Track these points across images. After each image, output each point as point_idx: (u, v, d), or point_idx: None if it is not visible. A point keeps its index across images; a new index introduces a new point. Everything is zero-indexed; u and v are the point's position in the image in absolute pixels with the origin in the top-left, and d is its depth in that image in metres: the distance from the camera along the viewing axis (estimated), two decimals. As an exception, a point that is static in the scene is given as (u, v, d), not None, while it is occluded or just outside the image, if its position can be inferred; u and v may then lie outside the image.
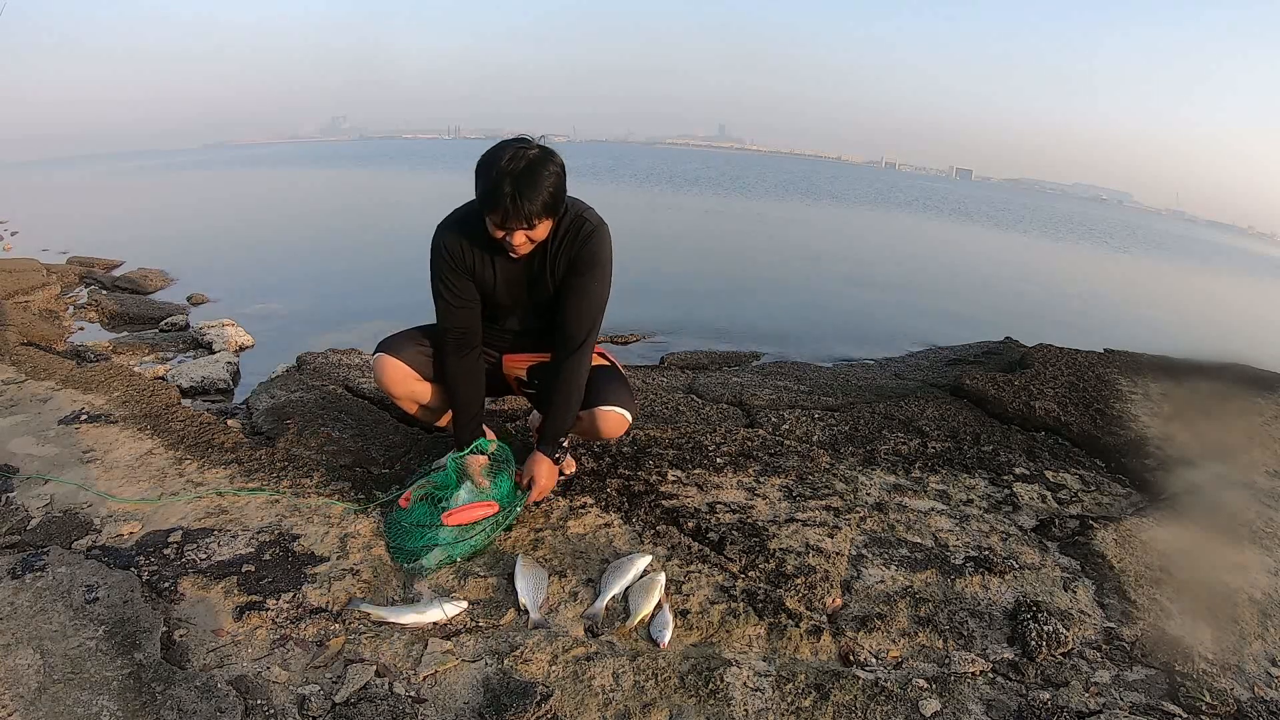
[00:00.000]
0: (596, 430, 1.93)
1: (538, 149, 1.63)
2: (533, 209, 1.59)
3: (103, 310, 5.09)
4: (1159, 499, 2.35)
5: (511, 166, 1.57)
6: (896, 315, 6.99)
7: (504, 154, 1.59)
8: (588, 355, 1.84)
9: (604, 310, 1.84)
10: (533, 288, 1.85)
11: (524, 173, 1.57)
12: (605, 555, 1.79)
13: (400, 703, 1.32)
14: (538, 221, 1.62)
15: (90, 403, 2.56)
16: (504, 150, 1.60)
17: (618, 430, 1.94)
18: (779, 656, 1.50)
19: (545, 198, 1.60)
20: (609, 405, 1.89)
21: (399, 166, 34.52)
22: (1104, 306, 9.53)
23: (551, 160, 1.62)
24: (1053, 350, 3.83)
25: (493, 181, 1.57)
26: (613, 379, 1.94)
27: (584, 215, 1.78)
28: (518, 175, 1.57)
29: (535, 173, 1.58)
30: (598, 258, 1.78)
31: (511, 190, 1.56)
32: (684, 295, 7.07)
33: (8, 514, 1.84)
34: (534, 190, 1.57)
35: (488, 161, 1.61)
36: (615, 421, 1.91)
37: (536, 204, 1.59)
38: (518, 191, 1.56)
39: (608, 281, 1.82)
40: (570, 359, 1.81)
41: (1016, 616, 1.68)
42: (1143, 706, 1.43)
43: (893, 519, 2.09)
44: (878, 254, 12.65)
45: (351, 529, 1.85)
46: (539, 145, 1.64)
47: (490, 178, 1.58)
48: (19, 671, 1.31)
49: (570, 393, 1.83)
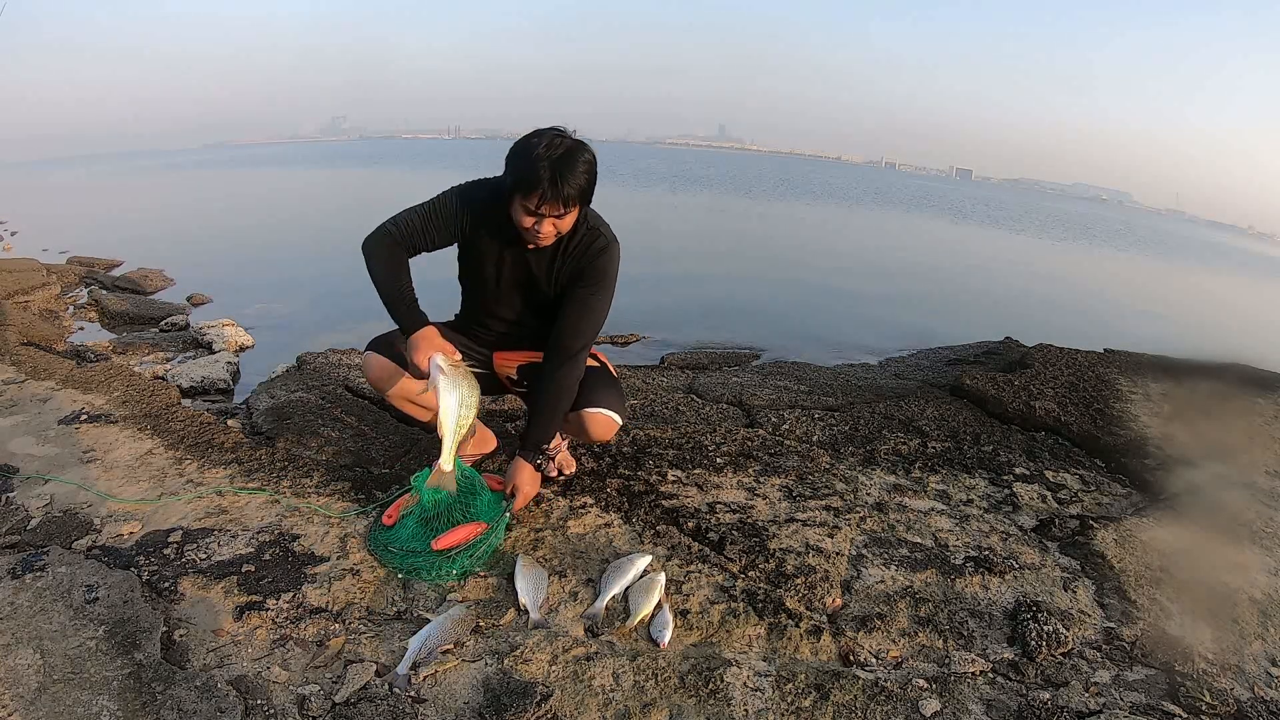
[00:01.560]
0: (585, 431, 1.92)
1: (574, 139, 1.64)
2: (570, 193, 1.59)
3: (103, 310, 5.09)
4: (1159, 499, 2.35)
5: (550, 152, 1.58)
6: (896, 315, 7.00)
7: (542, 140, 1.60)
8: (580, 366, 1.84)
9: (602, 326, 1.84)
10: (532, 286, 1.84)
11: (563, 158, 1.58)
12: (605, 555, 1.79)
13: (400, 703, 1.32)
14: (572, 207, 1.63)
15: (90, 403, 2.56)
16: (541, 136, 1.61)
17: (606, 433, 1.93)
18: (779, 656, 1.50)
19: (582, 183, 1.61)
20: (597, 407, 1.87)
21: (399, 166, 34.51)
22: (1104, 306, 9.53)
23: (587, 150, 1.63)
24: (1053, 350, 3.83)
25: (531, 164, 1.57)
26: (602, 380, 1.93)
27: (599, 229, 1.80)
28: (556, 159, 1.58)
29: (574, 158, 1.59)
30: (605, 275, 1.79)
31: (551, 174, 1.57)
32: (684, 295, 7.07)
33: (8, 514, 1.84)
34: (572, 174, 1.58)
35: (524, 146, 1.61)
36: (603, 423, 1.90)
37: (574, 189, 1.60)
38: (558, 175, 1.57)
39: (610, 299, 1.83)
40: (562, 368, 1.80)
41: (1016, 616, 1.68)
42: (1143, 706, 1.43)
43: (893, 519, 2.09)
44: (878, 254, 12.65)
45: (351, 529, 1.85)
46: (573, 136, 1.65)
47: (529, 160, 1.58)
48: (19, 671, 1.31)
49: (557, 401, 1.82)
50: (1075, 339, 4.49)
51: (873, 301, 7.66)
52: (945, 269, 11.54)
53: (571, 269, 1.79)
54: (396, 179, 25.46)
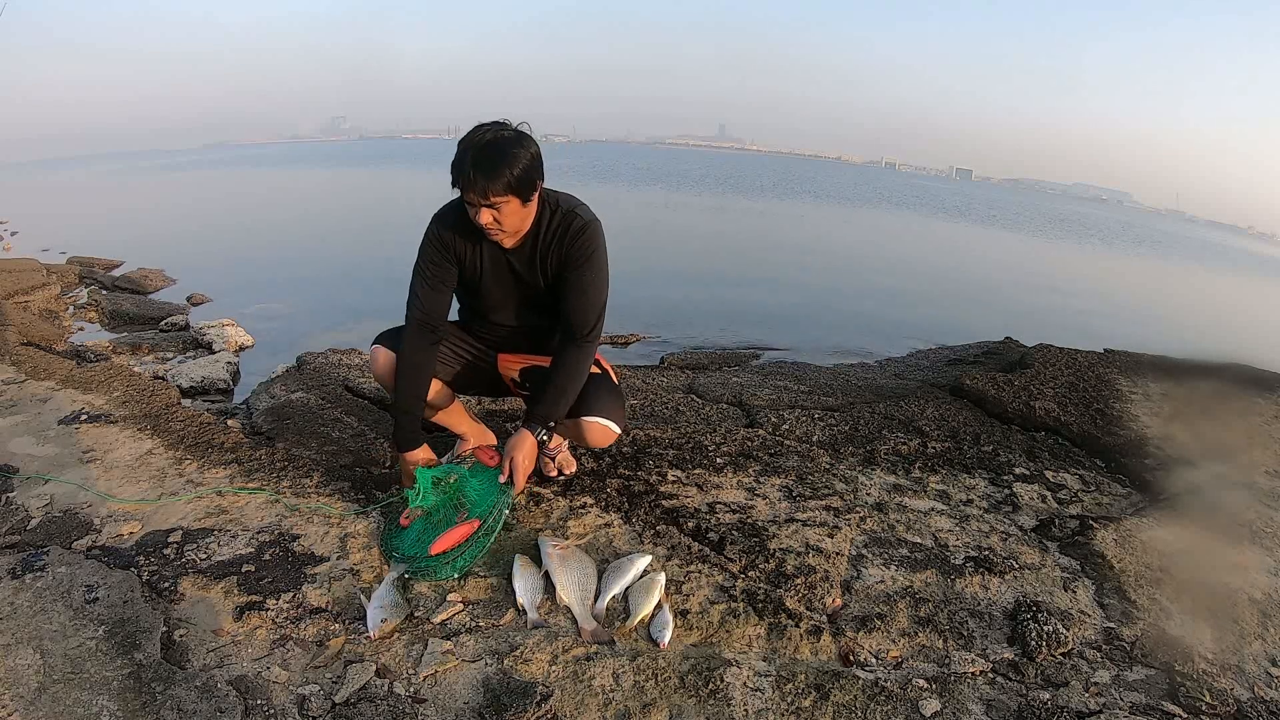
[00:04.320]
0: (582, 439, 1.90)
1: (512, 131, 1.63)
2: (490, 185, 1.58)
3: (103, 310, 5.09)
4: (1159, 499, 2.35)
5: (475, 140, 1.59)
6: (896, 315, 7.00)
7: (474, 132, 1.62)
8: (591, 349, 1.82)
9: (605, 305, 1.82)
10: (521, 282, 1.83)
11: (487, 146, 1.59)
12: (605, 555, 1.79)
13: (400, 703, 1.32)
14: (496, 198, 1.61)
15: (90, 403, 2.56)
16: (476, 129, 1.62)
17: (603, 441, 1.91)
18: (779, 656, 1.50)
19: (508, 177, 1.59)
20: (595, 416, 1.85)
21: (399, 166, 34.51)
22: (1104, 306, 9.53)
23: (522, 143, 1.62)
24: (1053, 350, 3.83)
25: (457, 155, 1.60)
26: (603, 387, 1.90)
27: (575, 211, 1.77)
28: (479, 148, 1.58)
29: (500, 149, 1.59)
30: (592, 253, 1.76)
31: (472, 163, 1.57)
32: (684, 295, 7.07)
33: (8, 514, 1.84)
34: (494, 165, 1.57)
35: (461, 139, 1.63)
36: (600, 432, 1.87)
37: (497, 181, 1.58)
38: (476, 164, 1.57)
39: (605, 276, 1.80)
40: (573, 348, 1.79)
41: (1016, 616, 1.68)
42: (1143, 706, 1.43)
43: (893, 519, 2.09)
44: (878, 254, 12.66)
45: (351, 529, 1.85)
46: (515, 129, 1.65)
47: (458, 152, 1.61)
48: (19, 671, 1.31)
49: (568, 380, 1.79)
50: (1075, 339, 4.49)
51: (873, 301, 7.66)
52: (945, 269, 11.54)
53: (556, 257, 1.77)
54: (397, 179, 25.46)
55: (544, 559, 1.69)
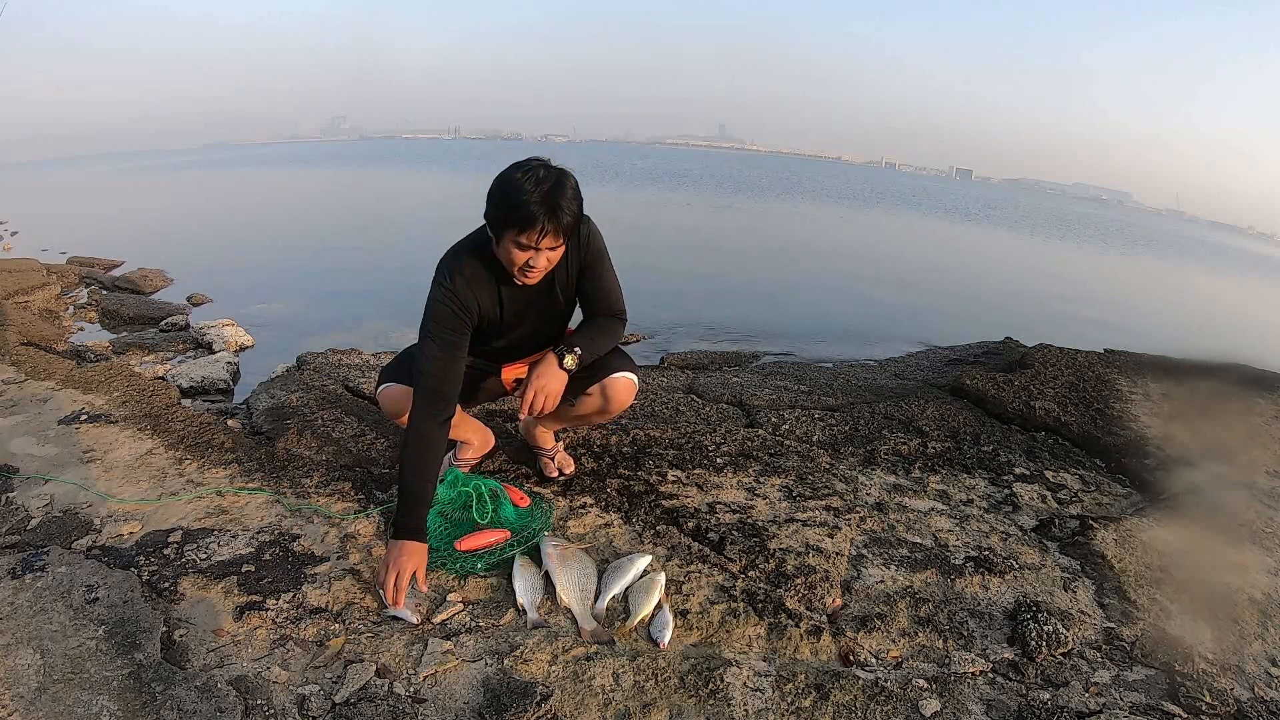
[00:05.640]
0: (609, 400, 1.90)
1: (556, 167, 1.61)
2: (568, 221, 1.57)
3: (103, 310, 5.09)
4: (1159, 499, 2.35)
5: (540, 186, 1.54)
6: (896, 315, 7.00)
7: (526, 175, 1.56)
8: (621, 325, 1.90)
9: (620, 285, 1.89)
10: (541, 308, 1.83)
11: (554, 189, 1.55)
12: (605, 555, 1.79)
13: (400, 703, 1.32)
14: (559, 243, 1.61)
15: (90, 403, 2.56)
16: (524, 171, 1.57)
17: (627, 399, 1.92)
18: (779, 656, 1.50)
19: (575, 209, 1.60)
20: (616, 372, 1.88)
21: (399, 166, 34.52)
22: (1104, 306, 9.53)
23: (570, 176, 1.62)
24: (1053, 350, 3.83)
25: (523, 201, 1.53)
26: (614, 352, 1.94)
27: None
28: (548, 192, 1.55)
29: (564, 187, 1.57)
30: (602, 249, 1.82)
31: (547, 207, 1.54)
32: (684, 295, 7.07)
33: (8, 514, 1.84)
34: (566, 203, 1.56)
35: (509, 184, 1.56)
36: (625, 387, 1.90)
37: (571, 216, 1.58)
38: (554, 206, 1.54)
39: (612, 262, 1.87)
40: (605, 318, 1.86)
41: (1016, 616, 1.68)
42: (1143, 706, 1.43)
43: (893, 519, 2.09)
44: (878, 254, 12.65)
45: (351, 529, 1.85)
46: (559, 168, 1.62)
47: (519, 198, 1.53)
48: (19, 671, 1.31)
49: (599, 332, 1.84)
50: (1075, 339, 4.49)
51: (873, 301, 7.66)
52: (945, 269, 11.54)
53: (576, 265, 1.79)
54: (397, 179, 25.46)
55: (544, 559, 1.70)
